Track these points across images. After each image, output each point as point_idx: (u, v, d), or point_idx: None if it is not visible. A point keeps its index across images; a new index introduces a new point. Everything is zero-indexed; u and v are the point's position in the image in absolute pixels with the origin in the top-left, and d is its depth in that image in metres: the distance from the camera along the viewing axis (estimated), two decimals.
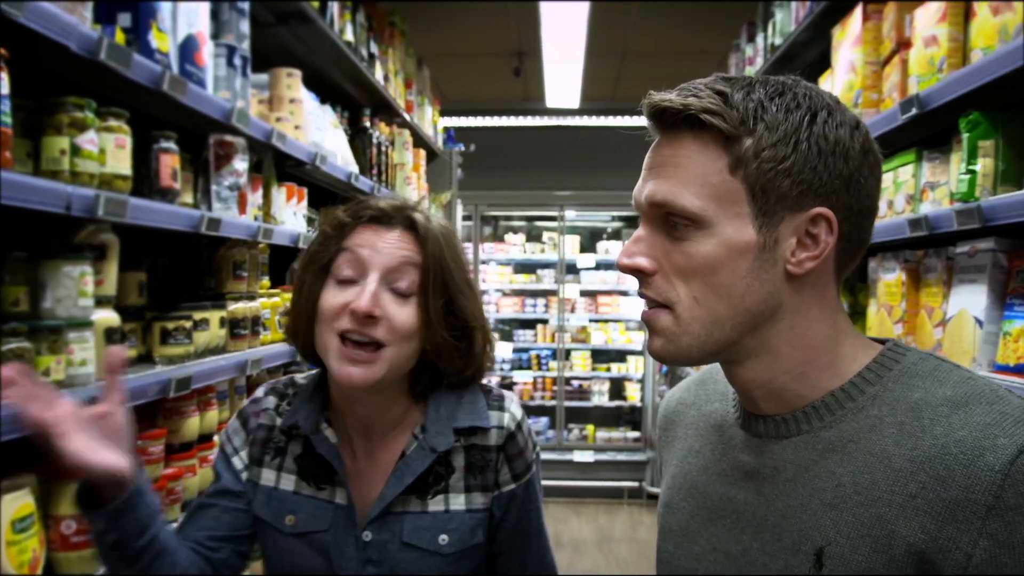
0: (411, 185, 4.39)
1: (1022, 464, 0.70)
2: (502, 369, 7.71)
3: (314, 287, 1.15)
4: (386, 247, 1.14)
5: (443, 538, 1.18)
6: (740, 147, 0.80)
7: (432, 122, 5.25)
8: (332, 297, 1.13)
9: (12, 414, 1.30)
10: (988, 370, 1.74)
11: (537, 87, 6.60)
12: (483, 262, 7.57)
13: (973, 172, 1.77)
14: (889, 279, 2.24)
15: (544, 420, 7.59)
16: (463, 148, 5.83)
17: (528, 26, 5.13)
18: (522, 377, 7.68)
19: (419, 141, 4.84)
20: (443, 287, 1.16)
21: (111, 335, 1.61)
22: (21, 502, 1.38)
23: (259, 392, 1.29)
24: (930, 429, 0.77)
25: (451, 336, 1.18)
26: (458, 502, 1.20)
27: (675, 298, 0.83)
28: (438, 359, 1.19)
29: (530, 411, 7.67)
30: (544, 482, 5.32)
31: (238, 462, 1.26)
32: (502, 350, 7.69)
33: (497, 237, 8.03)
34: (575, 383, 7.58)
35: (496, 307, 7.71)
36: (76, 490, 1.07)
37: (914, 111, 1.97)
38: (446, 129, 5.90)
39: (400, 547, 1.17)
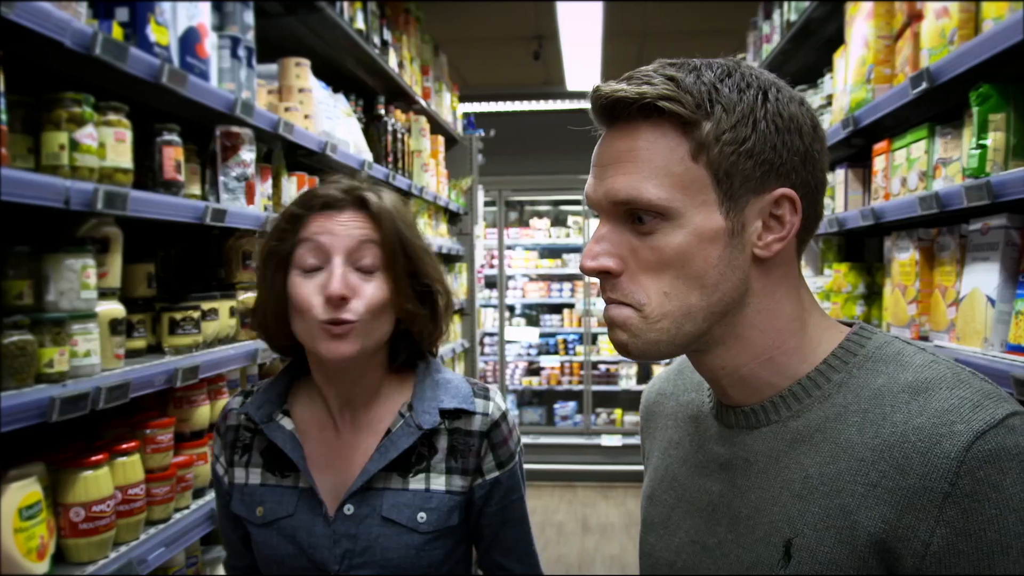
0: (429, 172, 4.39)
1: (978, 451, 0.68)
2: (529, 354, 7.73)
3: (278, 281, 1.19)
4: (343, 229, 1.17)
5: (421, 516, 1.20)
6: (700, 132, 0.77)
7: (451, 108, 5.24)
8: (301, 287, 1.16)
9: (17, 404, 1.34)
10: (1000, 350, 1.70)
11: (557, 71, 6.56)
12: (508, 247, 7.57)
13: (984, 147, 1.72)
14: (903, 258, 2.20)
15: (572, 404, 7.59)
16: (483, 134, 5.82)
17: (545, 9, 5.09)
18: (549, 362, 7.69)
19: (437, 127, 4.84)
20: (405, 258, 1.20)
21: (116, 326, 1.64)
22: (28, 490, 1.41)
23: (231, 398, 1.36)
24: (890, 416, 0.75)
25: (417, 302, 1.23)
26: (438, 482, 1.22)
27: (643, 299, 0.80)
28: (412, 325, 1.24)
29: (557, 396, 7.70)
30: (572, 467, 5.38)
31: (220, 468, 1.33)
32: (529, 335, 7.70)
33: (522, 222, 8.02)
34: (602, 367, 7.56)
35: (522, 292, 7.72)
36: None
37: (924, 85, 1.92)
38: (466, 115, 5.89)
39: (379, 522, 1.20)
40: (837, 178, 2.78)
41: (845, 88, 2.59)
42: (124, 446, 1.68)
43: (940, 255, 2.04)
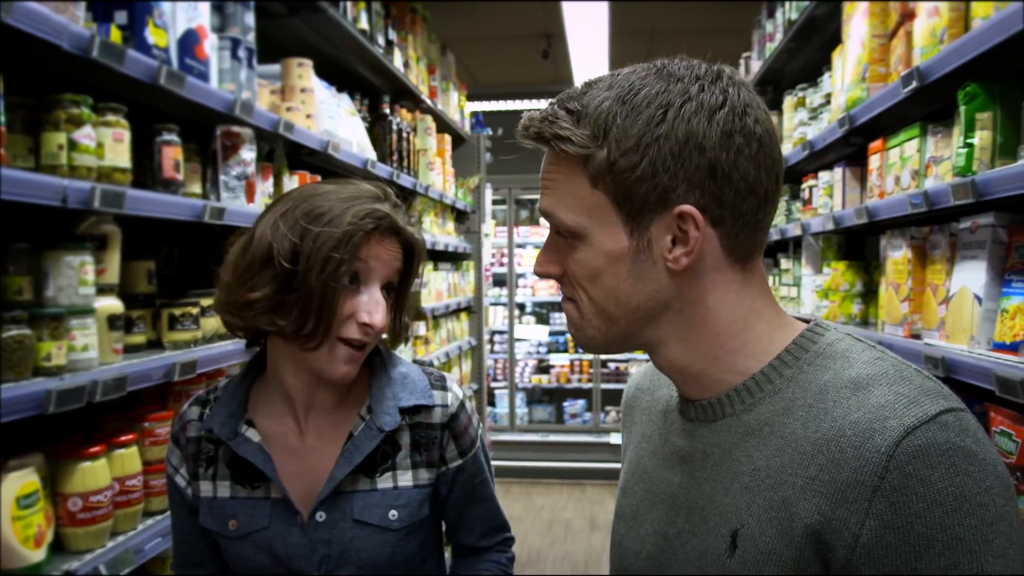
0: (435, 170, 4.42)
1: (908, 445, 0.70)
2: (539, 352, 7.75)
3: (330, 290, 1.14)
4: (388, 257, 1.19)
5: (393, 513, 1.21)
6: (595, 162, 0.82)
7: (458, 107, 5.27)
8: (347, 302, 1.16)
9: (15, 396, 1.38)
10: (987, 348, 1.71)
11: (566, 69, 6.58)
12: (519, 246, 7.59)
13: (971, 145, 1.73)
14: (897, 256, 2.20)
15: (581, 402, 7.61)
16: (491, 132, 5.84)
17: (553, 8, 5.11)
18: (558, 359, 7.71)
19: (444, 126, 4.87)
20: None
21: (114, 322, 1.68)
22: (26, 480, 1.46)
23: (185, 406, 1.33)
24: (831, 411, 0.77)
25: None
26: (405, 478, 1.24)
27: (577, 297, 0.89)
28: (392, 331, 1.27)
29: (567, 393, 7.71)
30: (580, 464, 5.34)
31: (181, 480, 1.29)
32: (538, 333, 7.73)
33: (533, 220, 8.03)
34: (612, 365, 7.57)
35: (532, 290, 7.74)
36: None
37: (915, 84, 1.93)
38: (474, 114, 5.91)
39: (352, 525, 1.20)
40: (835, 176, 2.78)
41: (842, 87, 2.60)
42: (122, 438, 1.72)
43: (932, 253, 2.05)
